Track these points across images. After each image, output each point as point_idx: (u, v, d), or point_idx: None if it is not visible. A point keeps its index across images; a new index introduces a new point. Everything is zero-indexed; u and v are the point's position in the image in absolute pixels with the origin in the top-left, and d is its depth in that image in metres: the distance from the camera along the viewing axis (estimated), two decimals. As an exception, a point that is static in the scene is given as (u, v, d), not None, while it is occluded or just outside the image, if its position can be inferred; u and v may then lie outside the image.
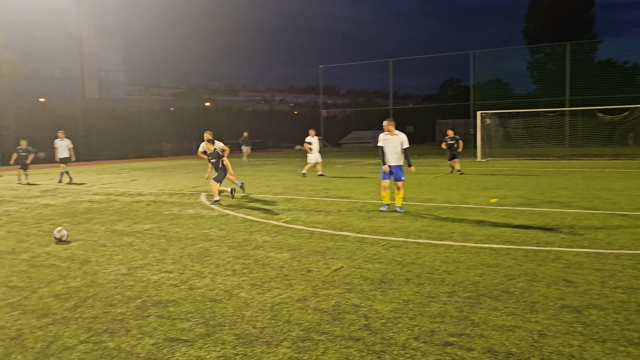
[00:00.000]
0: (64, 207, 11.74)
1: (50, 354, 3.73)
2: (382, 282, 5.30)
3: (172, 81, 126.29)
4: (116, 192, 14.78)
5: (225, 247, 7.10)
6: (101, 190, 15.48)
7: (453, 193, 12.76)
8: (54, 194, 14.75)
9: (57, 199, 13.30)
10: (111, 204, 12.09)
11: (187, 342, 3.91)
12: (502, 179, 16.29)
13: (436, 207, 10.39)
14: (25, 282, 5.60)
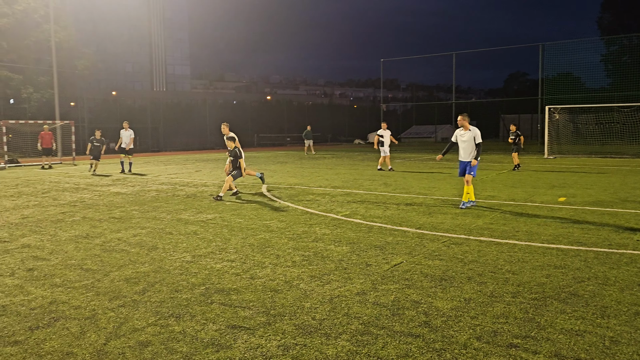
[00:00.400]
0: (133, 195, 12.30)
1: (121, 335, 3.93)
2: (443, 280, 5.21)
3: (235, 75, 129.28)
4: (181, 182, 15.32)
5: (286, 239, 7.21)
6: (167, 180, 16.09)
7: (518, 190, 12.33)
8: (124, 182, 15.48)
9: (126, 188, 13.95)
10: (177, 193, 12.55)
11: (249, 329, 4.00)
12: (570, 177, 15.57)
13: (499, 205, 10.07)
14: (98, 266, 5.92)
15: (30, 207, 10.55)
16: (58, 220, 8.92)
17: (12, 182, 16.12)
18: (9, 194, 12.87)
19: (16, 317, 4.33)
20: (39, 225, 8.48)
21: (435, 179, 15.24)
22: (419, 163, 22.80)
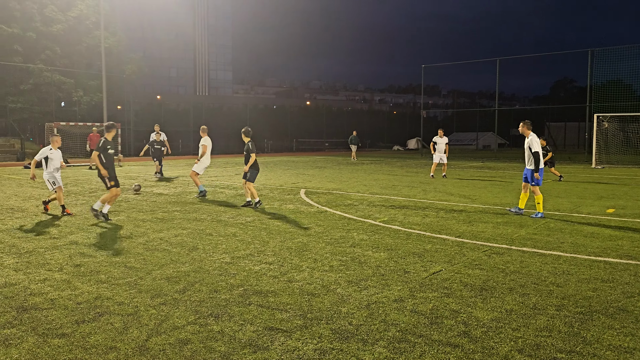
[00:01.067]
0: (175, 197, 12.57)
1: (162, 332, 4.02)
2: (483, 290, 5.10)
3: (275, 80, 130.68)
4: (221, 184, 15.57)
5: (323, 243, 7.22)
6: (208, 182, 16.38)
7: (563, 201, 11.96)
8: (167, 184, 15.86)
9: (169, 189, 14.28)
10: (217, 195, 12.76)
11: (286, 332, 4.02)
12: (619, 188, 14.99)
13: (544, 216, 9.78)
14: (141, 264, 6.08)
15: (78, 206, 10.93)
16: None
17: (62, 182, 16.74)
18: (58, 193, 13.37)
19: (64, 310, 4.49)
20: (85, 224, 8.78)
21: (476, 187, 14.97)
22: (459, 170, 22.43)
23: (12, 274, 5.66)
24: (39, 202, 11.57)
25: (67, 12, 37.67)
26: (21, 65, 34.90)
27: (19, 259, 6.29)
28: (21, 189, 14.52)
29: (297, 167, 24.68)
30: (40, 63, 35.65)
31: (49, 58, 36.46)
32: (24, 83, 35.23)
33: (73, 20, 37.70)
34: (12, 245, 7.10)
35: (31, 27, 35.79)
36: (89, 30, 38.52)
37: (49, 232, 7.99)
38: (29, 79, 35.30)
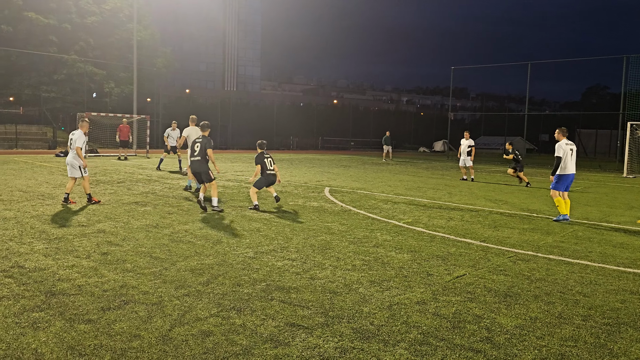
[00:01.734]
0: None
1: (185, 322, 4.07)
2: (507, 296, 5.03)
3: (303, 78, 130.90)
4: (247, 180, 15.68)
5: (346, 242, 7.21)
6: (234, 177, 16.52)
7: (592, 209, 11.70)
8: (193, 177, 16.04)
9: (195, 182, 14.43)
10: (242, 190, 12.86)
11: (307, 329, 4.03)
12: (652, 199, 14.58)
13: (571, 223, 9.60)
14: (166, 255, 6.17)
15: (106, 195, 11.15)
16: (131, 209, 9.37)
17: (91, 171, 17.11)
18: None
19: (90, 297, 4.59)
20: (113, 213, 8.95)
21: (503, 192, 14.75)
22: (485, 175, 22.14)
23: (41, 259, 5.80)
24: (69, 190, 11.83)
25: (102, 4, 38.39)
26: (56, 55, 35.71)
27: (48, 245, 6.45)
28: (52, 176, 14.88)
29: (322, 165, 24.70)
30: (74, 54, 36.42)
31: (83, 49, 37.23)
32: (58, 73, 36.06)
33: (107, 12, 38.41)
34: (42, 231, 7.28)
35: (67, 18, 36.60)
36: (122, 23, 39.20)
37: (77, 220, 8.17)
38: (63, 69, 36.11)
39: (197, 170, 9.83)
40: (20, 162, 19.93)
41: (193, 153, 9.87)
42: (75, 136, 9.95)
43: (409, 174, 20.69)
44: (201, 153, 9.74)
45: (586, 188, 17.19)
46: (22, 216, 8.35)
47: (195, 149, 9.83)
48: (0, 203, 9.62)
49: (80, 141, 9.90)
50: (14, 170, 16.48)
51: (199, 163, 9.77)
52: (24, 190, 11.59)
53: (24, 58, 35.30)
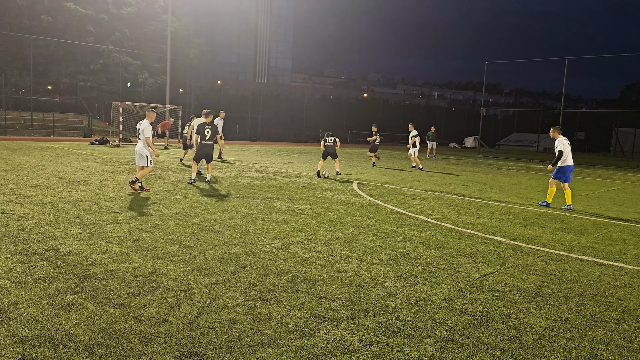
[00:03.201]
0: (230, 180, 12.85)
1: (212, 310, 4.13)
2: (537, 296, 4.94)
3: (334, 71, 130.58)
4: (275, 171, 15.77)
5: (373, 236, 7.18)
6: (262, 168, 16.63)
7: (628, 210, 11.36)
8: (222, 167, 16.23)
9: (224, 172, 14.61)
10: (270, 182, 12.94)
11: (332, 321, 4.04)
12: (692, 201, 14.06)
13: (606, 224, 9.35)
14: (195, 243, 6.27)
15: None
16: (162, 198, 9.54)
17: (124, 159, 17.48)
18: (121, 170, 13.97)
19: (121, 282, 4.69)
20: (145, 201, 9.12)
21: (535, 190, 14.45)
22: (517, 172, 21.71)
23: (75, 243, 5.97)
24: (103, 176, 12.12)
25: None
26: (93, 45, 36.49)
27: (82, 230, 6.63)
28: (87, 163, 15.25)
29: (351, 158, 24.64)
30: (110, 44, 37.15)
31: (118, 40, 37.94)
32: (94, 63, 36.85)
33: (142, 3, 39.00)
34: (76, 216, 7.48)
35: (104, 9, 37.32)
36: (157, 14, 39.76)
37: (110, 207, 8.37)
38: (99, 59, 36.87)
39: (208, 152, 11.72)
40: (57, 149, 20.49)
41: (204, 137, 11.58)
42: (143, 126, 10.26)
43: (438, 170, 20.46)
44: (212, 137, 11.63)
45: (623, 188, 16.70)
46: (57, 201, 8.60)
47: (206, 134, 11.57)
48: (38, 188, 9.92)
49: (148, 131, 10.20)
50: (51, 156, 16.96)
51: (210, 146, 11.73)
52: (60, 176, 11.92)
53: (62, 48, 36.17)
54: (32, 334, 3.53)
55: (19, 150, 18.96)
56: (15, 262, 5.12)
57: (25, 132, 31.34)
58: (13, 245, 5.71)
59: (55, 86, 39.61)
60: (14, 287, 4.40)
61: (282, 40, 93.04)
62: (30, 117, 32.97)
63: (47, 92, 40.68)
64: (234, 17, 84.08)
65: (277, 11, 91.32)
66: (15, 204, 8.20)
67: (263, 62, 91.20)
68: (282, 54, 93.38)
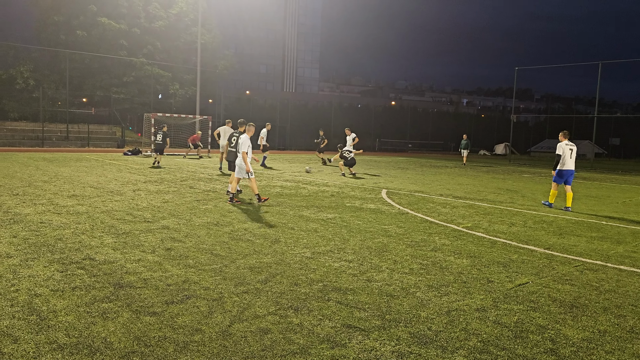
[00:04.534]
0: (259, 189, 12.94)
1: (244, 319, 4.16)
2: (574, 307, 4.81)
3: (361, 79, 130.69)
4: (304, 180, 15.83)
5: (404, 245, 7.13)
6: (291, 177, 16.72)
7: (668, 218, 10.98)
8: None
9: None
10: (299, 191, 12.99)
11: (363, 331, 4.02)
12: None
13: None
14: (226, 252, 6.33)
15: (170, 193, 11.58)
16: (193, 207, 9.68)
17: (156, 169, 17.82)
18: (153, 180, 14.25)
19: (155, 290, 4.78)
20: (177, 210, 9.28)
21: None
22: (549, 179, 21.23)
23: (110, 252, 6.10)
24: (136, 186, 12.38)
25: (169, 9, 39.92)
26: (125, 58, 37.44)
27: (117, 239, 6.77)
28: (120, 174, 15.61)
29: (379, 166, 24.55)
30: (142, 57, 38.07)
31: (150, 52, 38.86)
32: (127, 75, 37.80)
33: (173, 17, 39.89)
34: (111, 225, 7.65)
35: (136, 23, 38.31)
36: (187, 27, 40.59)
37: (143, 216, 8.53)
38: (132, 71, 37.81)
39: (230, 159, 11.54)
40: (92, 160, 21.05)
41: (231, 144, 11.55)
42: (241, 140, 10.18)
43: (468, 177, 20.20)
44: (237, 146, 11.21)
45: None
46: (93, 211, 8.82)
47: (233, 141, 11.49)
48: (74, 198, 10.20)
49: (245, 145, 10.09)
50: (86, 167, 17.42)
51: (234, 154, 11.38)
52: (95, 186, 12.23)
53: (96, 61, 37.24)
54: (70, 341, 3.62)
55: (55, 161, 19.55)
56: (53, 270, 5.27)
57: (62, 143, 32.30)
58: (51, 254, 5.88)
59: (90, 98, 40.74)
60: (52, 295, 4.53)
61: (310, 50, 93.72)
62: (66, 129, 33.97)
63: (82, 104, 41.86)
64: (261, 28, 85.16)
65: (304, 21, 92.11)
66: (53, 213, 8.45)
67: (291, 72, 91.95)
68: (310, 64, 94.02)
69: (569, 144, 11.73)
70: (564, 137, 11.85)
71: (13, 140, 31.00)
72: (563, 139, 11.84)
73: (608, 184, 20.40)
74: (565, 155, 11.63)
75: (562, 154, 11.64)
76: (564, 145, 11.70)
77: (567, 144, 11.71)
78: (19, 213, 8.38)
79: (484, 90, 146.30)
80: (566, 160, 11.63)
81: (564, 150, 11.66)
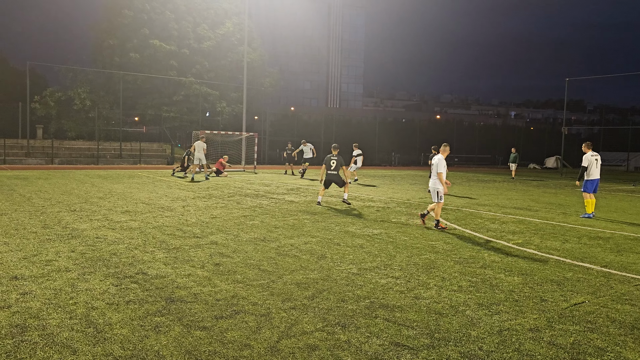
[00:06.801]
0: (305, 205, 13.04)
1: (292, 335, 4.18)
2: (635, 328, 4.58)
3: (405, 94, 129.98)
4: (350, 196, 15.81)
5: (452, 262, 7.00)
6: (336, 193, 16.74)
7: None
8: (297, 192, 16.51)
9: (299, 197, 14.85)
10: (344, 206, 12.99)
11: (412, 349, 3.96)
12: None
13: None
14: (273, 268, 6.40)
15: (218, 209, 11.82)
16: (240, 223, 9.85)
17: (204, 185, 18.24)
18: (201, 196, 14.59)
19: (204, 305, 4.87)
20: (224, 226, 9.46)
21: (626, 213, 13.50)
22: (605, 193, 20.39)
23: (162, 267, 6.28)
24: (185, 202, 12.71)
25: (216, 29, 41.13)
26: (175, 78, 38.75)
27: (167, 254, 6.97)
28: (170, 190, 16.07)
29: (425, 181, 24.23)
30: (191, 76, 39.30)
31: (198, 72, 40.05)
32: (177, 94, 39.08)
33: (220, 37, 41.06)
34: (162, 241, 7.88)
35: (185, 44, 39.66)
36: (234, 46, 41.65)
37: (192, 232, 8.74)
38: (181, 90, 39.07)
39: (335, 180, 13.07)
40: (143, 177, 21.78)
41: (329, 167, 13.07)
42: (435, 161, 9.83)
43: (518, 192, 19.65)
44: (337, 168, 13.00)
45: None
46: (145, 226, 9.11)
47: (332, 164, 13.03)
48: (127, 214, 10.57)
49: (441, 166, 9.72)
50: (138, 184, 18.04)
51: (336, 175, 13.07)
52: (147, 202, 12.63)
53: (148, 82, 38.70)
54: (124, 354, 3.74)
55: (109, 178, 20.34)
56: (108, 284, 5.47)
57: (115, 160, 33.60)
58: (107, 269, 6.11)
59: (142, 117, 42.29)
60: (108, 308, 4.69)
61: (353, 65, 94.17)
62: (119, 146, 35.35)
63: (134, 123, 43.51)
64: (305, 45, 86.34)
65: (347, 37, 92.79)
66: (108, 229, 8.78)
67: (334, 88, 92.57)
68: (354, 79, 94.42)
69: (594, 155, 12.33)
70: (588, 148, 12.40)
71: (71, 158, 32.51)
72: (587, 150, 12.39)
73: None
74: (591, 165, 12.22)
75: (587, 165, 12.20)
76: (589, 157, 12.24)
77: (592, 155, 12.29)
78: (76, 228, 8.75)
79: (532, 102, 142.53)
80: (592, 170, 12.24)
81: (590, 161, 12.21)
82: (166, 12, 38.89)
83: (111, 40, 38.68)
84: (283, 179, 23.08)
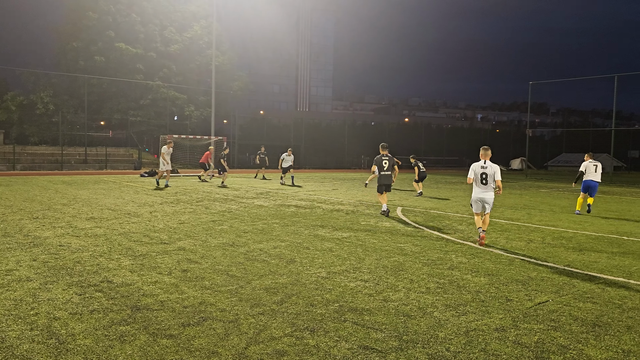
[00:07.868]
0: (274, 209, 12.99)
1: (260, 341, 4.15)
2: (596, 325, 4.71)
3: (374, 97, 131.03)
4: (319, 199, 15.84)
5: (420, 264, 7.07)
6: (306, 196, 16.74)
7: (691, 232, 10.75)
8: (267, 196, 16.44)
9: (269, 201, 14.79)
10: (314, 210, 12.99)
11: (380, 352, 3.98)
12: None
13: (668, 247, 8.86)
14: (241, 273, 6.34)
15: (186, 214, 11.66)
16: (209, 228, 9.73)
17: (172, 190, 17.98)
18: (169, 201, 14.37)
19: (171, 312, 4.79)
20: (192, 231, 9.33)
21: (590, 215, 13.90)
22: (568, 194, 20.99)
23: (128, 274, 6.15)
24: (153, 208, 12.50)
25: (184, 33, 40.68)
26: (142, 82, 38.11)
27: (134, 261, 6.83)
28: (137, 195, 15.78)
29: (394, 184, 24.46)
30: (158, 80, 38.73)
31: (166, 75, 39.51)
32: (144, 98, 38.44)
33: (188, 40, 40.62)
34: (128, 248, 7.72)
35: (152, 47, 39.07)
36: (202, 50, 41.26)
37: (160, 238, 8.59)
38: (148, 94, 38.46)
39: (386, 182, 12.28)
40: (109, 182, 21.33)
41: (382, 168, 12.25)
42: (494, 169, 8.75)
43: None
44: (390, 168, 12.30)
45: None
46: (110, 233, 8.91)
47: (384, 165, 12.26)
48: (92, 221, 10.32)
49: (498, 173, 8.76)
50: (104, 189, 17.65)
51: (388, 177, 12.33)
52: (113, 208, 12.37)
53: (114, 85, 37.97)
54: (88, 365, 3.64)
55: (74, 184, 19.84)
56: (72, 293, 5.32)
57: (80, 166, 32.82)
58: (70, 277, 5.94)
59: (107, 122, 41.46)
60: (71, 318, 4.56)
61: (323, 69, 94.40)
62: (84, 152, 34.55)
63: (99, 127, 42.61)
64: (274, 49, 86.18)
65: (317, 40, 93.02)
66: (72, 236, 8.56)
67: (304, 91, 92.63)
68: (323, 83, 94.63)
69: (592, 162, 13.72)
70: (589, 157, 13.89)
71: (33, 164, 31.58)
72: (588, 157, 13.90)
73: (628, 197, 20.07)
74: (588, 169, 13.56)
75: (583, 170, 13.63)
76: (587, 163, 13.68)
77: (590, 162, 13.72)
78: (38, 236, 8.50)
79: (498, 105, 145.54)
80: (590, 173, 13.55)
81: (587, 166, 13.62)
82: (132, 15, 38.26)
83: (75, 43, 37.82)
84: (252, 183, 22.95)
